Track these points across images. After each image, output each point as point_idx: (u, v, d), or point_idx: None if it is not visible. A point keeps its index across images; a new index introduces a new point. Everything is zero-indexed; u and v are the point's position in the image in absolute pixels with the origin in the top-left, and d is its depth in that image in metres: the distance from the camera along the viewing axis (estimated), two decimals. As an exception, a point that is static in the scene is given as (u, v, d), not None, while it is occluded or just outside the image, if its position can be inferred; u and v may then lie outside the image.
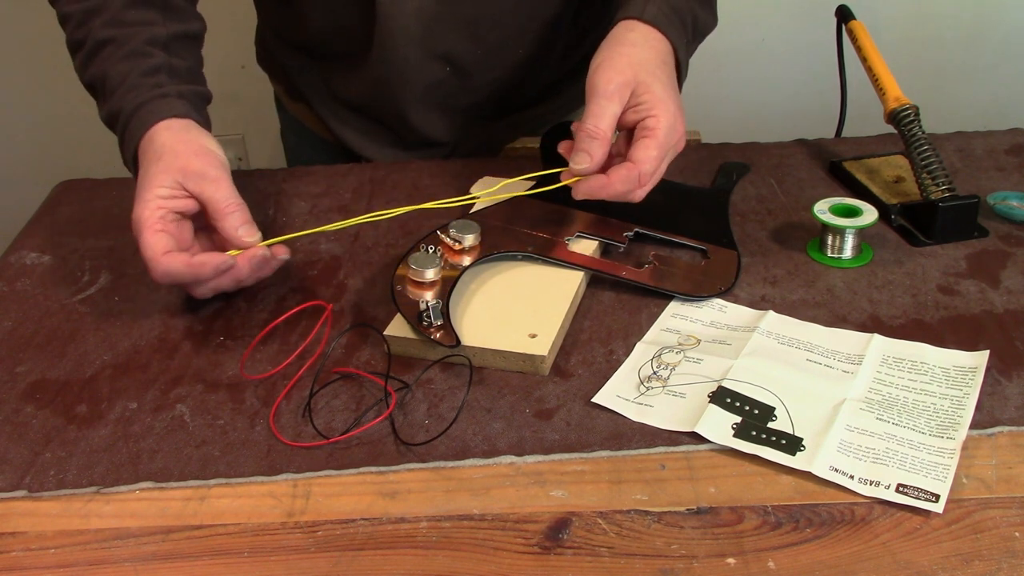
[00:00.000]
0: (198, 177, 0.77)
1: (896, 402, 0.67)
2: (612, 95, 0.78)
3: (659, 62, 0.81)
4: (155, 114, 0.81)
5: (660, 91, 0.79)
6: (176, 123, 0.81)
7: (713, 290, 0.79)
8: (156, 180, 0.77)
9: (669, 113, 0.78)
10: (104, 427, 0.69)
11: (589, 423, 0.67)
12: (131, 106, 0.81)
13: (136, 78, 0.82)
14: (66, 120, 1.97)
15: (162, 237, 0.75)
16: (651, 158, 0.77)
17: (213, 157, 0.79)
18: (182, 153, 0.78)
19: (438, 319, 0.72)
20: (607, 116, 0.78)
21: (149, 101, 0.81)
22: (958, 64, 1.90)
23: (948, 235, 0.85)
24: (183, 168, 0.77)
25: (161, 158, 0.78)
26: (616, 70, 0.79)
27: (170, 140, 0.79)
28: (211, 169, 0.78)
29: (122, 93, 0.82)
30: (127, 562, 0.58)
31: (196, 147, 0.79)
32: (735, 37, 1.86)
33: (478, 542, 0.58)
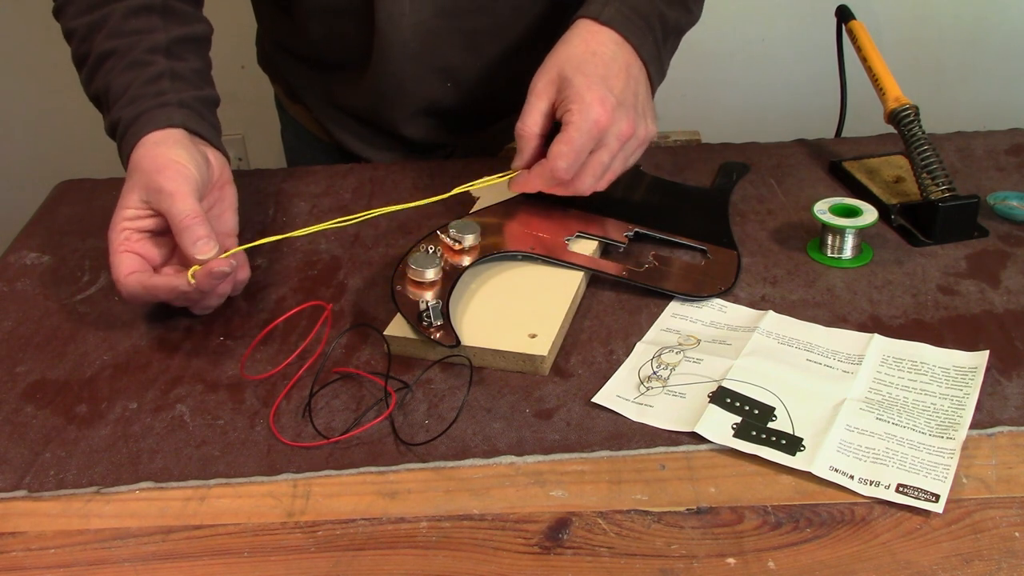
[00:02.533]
0: (157, 193, 0.76)
1: (896, 402, 0.67)
2: (540, 92, 0.81)
3: (587, 54, 0.82)
4: (148, 124, 0.80)
5: (580, 84, 0.79)
6: (155, 137, 0.79)
7: (713, 290, 0.79)
8: (124, 200, 0.77)
9: (586, 108, 0.78)
10: (104, 427, 0.69)
11: (589, 423, 0.67)
12: (129, 117, 0.81)
13: (137, 88, 0.82)
14: (66, 120, 1.97)
15: (125, 258, 0.75)
16: (562, 153, 0.78)
17: (176, 170, 0.76)
18: (146, 169, 0.77)
19: (438, 319, 0.72)
20: (534, 113, 0.81)
21: (145, 112, 0.80)
22: (958, 64, 1.90)
23: (948, 235, 0.85)
24: (146, 185, 0.76)
25: (131, 176, 0.78)
26: (547, 67, 0.82)
27: (139, 156, 0.78)
28: (169, 183, 0.75)
29: (122, 104, 0.82)
30: (127, 562, 0.58)
31: (162, 161, 0.77)
32: (735, 37, 1.86)
33: (478, 542, 0.58)
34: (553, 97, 0.81)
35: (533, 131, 0.81)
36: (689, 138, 1.07)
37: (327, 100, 1.08)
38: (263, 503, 0.62)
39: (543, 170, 0.80)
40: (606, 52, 0.82)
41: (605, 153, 0.80)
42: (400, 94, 1.00)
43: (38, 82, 1.94)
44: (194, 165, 0.78)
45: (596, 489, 0.61)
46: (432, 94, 1.01)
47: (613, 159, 0.81)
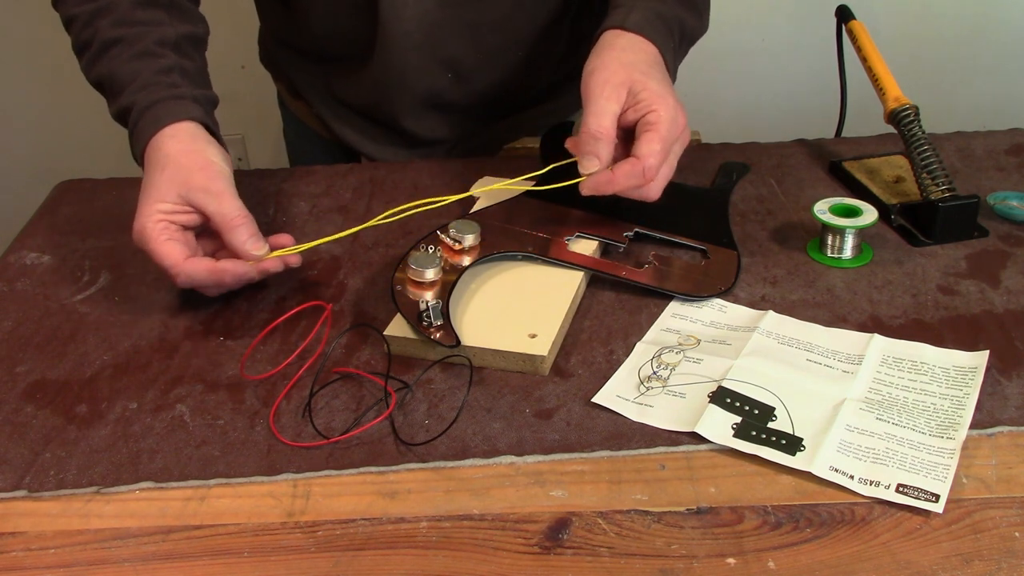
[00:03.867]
0: (202, 192, 0.77)
1: (896, 402, 0.67)
2: (610, 96, 0.78)
3: (651, 62, 0.82)
4: (169, 114, 0.81)
5: (657, 87, 0.79)
6: (184, 130, 0.80)
7: (713, 290, 0.79)
8: (159, 193, 0.77)
9: (669, 107, 0.78)
10: (104, 427, 0.69)
11: (589, 423, 0.67)
12: (144, 103, 0.81)
13: (150, 76, 0.82)
14: (66, 120, 1.97)
15: (175, 246, 0.76)
16: (654, 152, 0.77)
17: (216, 170, 0.79)
18: (185, 166, 0.78)
19: (438, 319, 0.72)
20: (608, 115, 0.78)
21: (164, 100, 0.81)
22: (958, 64, 1.90)
23: (948, 235, 0.85)
24: (186, 182, 0.77)
25: (165, 169, 0.78)
26: (610, 71, 0.80)
27: (175, 150, 0.79)
28: (214, 183, 0.78)
29: (134, 90, 0.82)
30: (127, 562, 0.58)
31: (201, 160, 0.79)
32: (735, 37, 1.86)
33: (478, 542, 0.58)
34: (623, 101, 0.79)
35: (611, 133, 0.78)
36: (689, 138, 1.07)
37: (329, 95, 1.09)
38: (263, 503, 0.62)
39: (633, 169, 0.77)
40: (656, 62, 0.83)
41: (675, 156, 0.81)
42: (402, 86, 1.00)
43: (38, 82, 1.94)
44: (228, 166, 0.81)
45: (596, 489, 0.61)
46: (434, 86, 1.01)
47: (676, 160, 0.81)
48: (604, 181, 0.78)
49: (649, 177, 0.78)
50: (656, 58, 0.83)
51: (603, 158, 0.78)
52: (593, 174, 0.78)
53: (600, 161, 0.78)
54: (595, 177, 0.78)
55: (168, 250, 0.76)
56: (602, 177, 0.78)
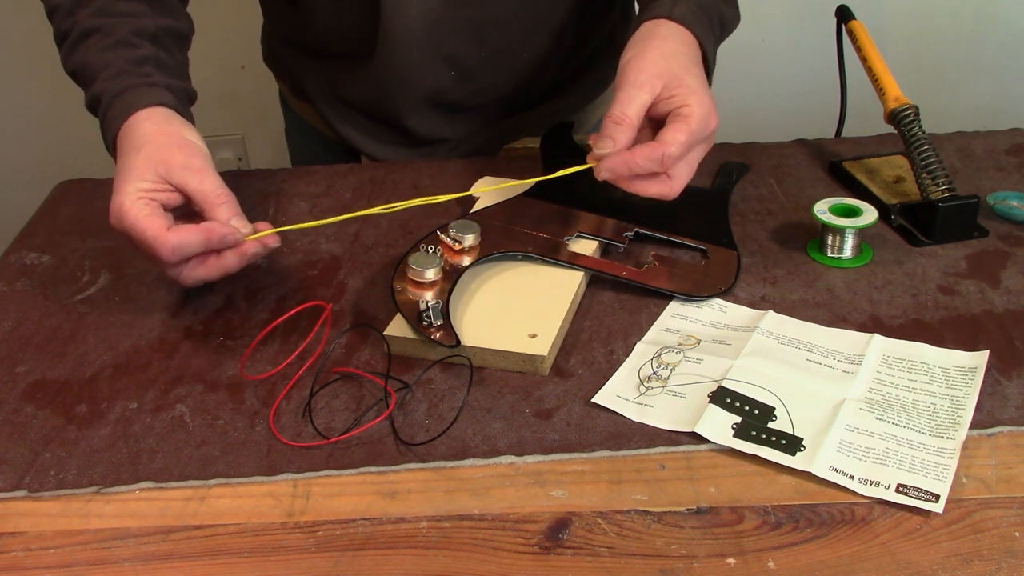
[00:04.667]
0: (182, 169, 0.76)
1: (896, 402, 0.67)
2: (643, 85, 0.76)
3: (692, 58, 0.80)
4: (140, 99, 0.79)
5: (694, 84, 0.77)
6: (159, 113, 0.79)
7: (713, 290, 0.79)
8: (136, 172, 0.76)
9: (704, 105, 0.77)
10: (104, 427, 0.69)
11: (589, 423, 0.67)
12: (115, 90, 0.80)
13: (122, 64, 0.81)
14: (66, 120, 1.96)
15: (155, 219, 0.74)
16: (678, 141, 0.75)
17: (195, 149, 0.78)
18: (163, 145, 0.77)
19: (438, 319, 0.72)
20: (635, 104, 0.76)
21: (135, 87, 0.80)
22: (958, 64, 1.90)
23: (948, 235, 0.85)
24: (165, 161, 0.76)
25: (141, 149, 0.77)
26: (649, 60, 0.78)
27: (151, 130, 0.78)
28: (194, 160, 0.76)
29: (106, 77, 0.81)
30: (127, 562, 0.58)
31: (178, 139, 0.78)
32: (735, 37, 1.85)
33: (478, 542, 0.58)
34: (657, 92, 0.77)
35: (634, 122, 0.76)
36: (689, 138, 1.07)
37: (332, 93, 1.09)
38: (263, 503, 0.62)
39: (652, 152, 0.75)
40: (697, 57, 0.82)
41: (697, 155, 0.79)
42: (405, 84, 1.00)
43: (38, 82, 1.93)
44: (205, 147, 0.79)
45: (596, 489, 0.61)
46: (436, 84, 1.01)
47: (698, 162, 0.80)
48: (620, 161, 0.76)
49: (667, 165, 0.76)
50: (697, 53, 0.82)
51: (619, 143, 0.76)
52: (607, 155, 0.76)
53: (615, 145, 0.76)
54: (613, 158, 0.76)
55: (149, 223, 0.74)
56: (619, 157, 0.76)
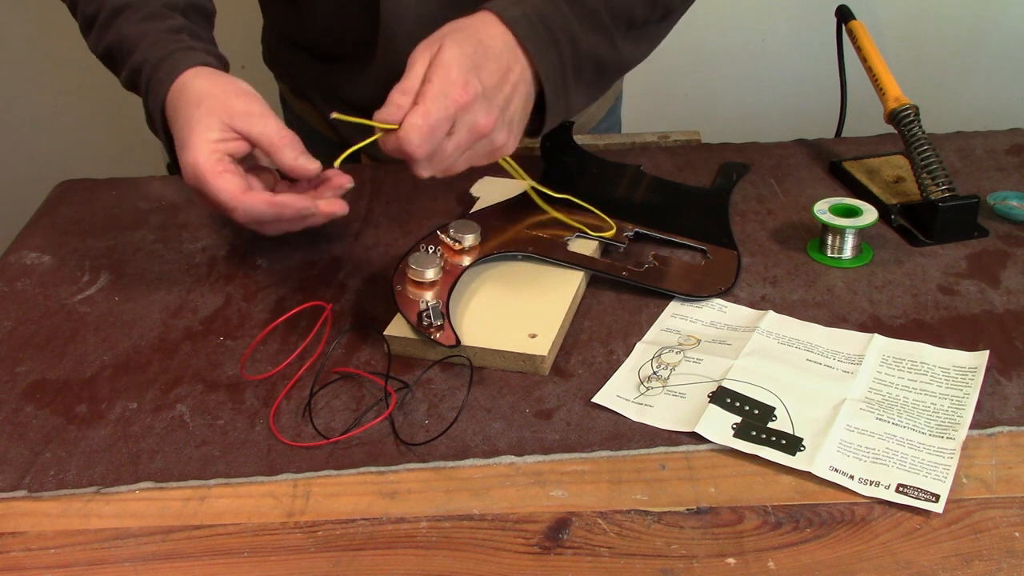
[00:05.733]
0: (245, 116, 0.76)
1: (896, 402, 0.67)
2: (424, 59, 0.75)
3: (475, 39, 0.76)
4: (183, 61, 0.80)
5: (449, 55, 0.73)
6: (206, 70, 0.80)
7: (713, 290, 0.79)
8: (203, 124, 0.76)
9: (449, 80, 0.72)
10: (104, 427, 0.69)
11: (589, 423, 0.67)
12: (157, 56, 0.80)
13: (159, 34, 0.82)
14: (66, 120, 1.97)
15: (231, 178, 0.75)
16: (415, 126, 0.71)
17: (252, 96, 0.78)
18: (221, 96, 0.77)
19: (438, 319, 0.72)
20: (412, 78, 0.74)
21: (177, 51, 0.81)
22: (958, 64, 1.90)
23: (948, 235, 0.85)
24: (228, 110, 0.76)
25: (202, 102, 0.77)
26: (429, 39, 0.76)
27: (207, 84, 0.78)
28: (254, 106, 0.77)
29: (145, 47, 0.81)
30: (127, 562, 0.58)
31: (234, 88, 0.78)
32: (735, 37, 1.86)
33: (478, 542, 0.58)
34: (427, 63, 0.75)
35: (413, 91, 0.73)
36: (689, 138, 1.07)
37: (332, 94, 1.08)
38: (263, 503, 0.62)
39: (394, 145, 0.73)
40: (493, 46, 0.77)
41: (451, 144, 0.74)
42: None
43: (38, 82, 1.94)
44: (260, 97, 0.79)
45: (596, 489, 0.61)
46: None
47: (459, 154, 0.75)
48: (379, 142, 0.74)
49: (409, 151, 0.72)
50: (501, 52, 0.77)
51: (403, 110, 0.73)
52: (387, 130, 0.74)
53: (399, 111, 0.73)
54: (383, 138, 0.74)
55: (224, 184, 0.74)
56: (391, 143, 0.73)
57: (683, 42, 0.93)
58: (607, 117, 1.17)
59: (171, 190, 1.01)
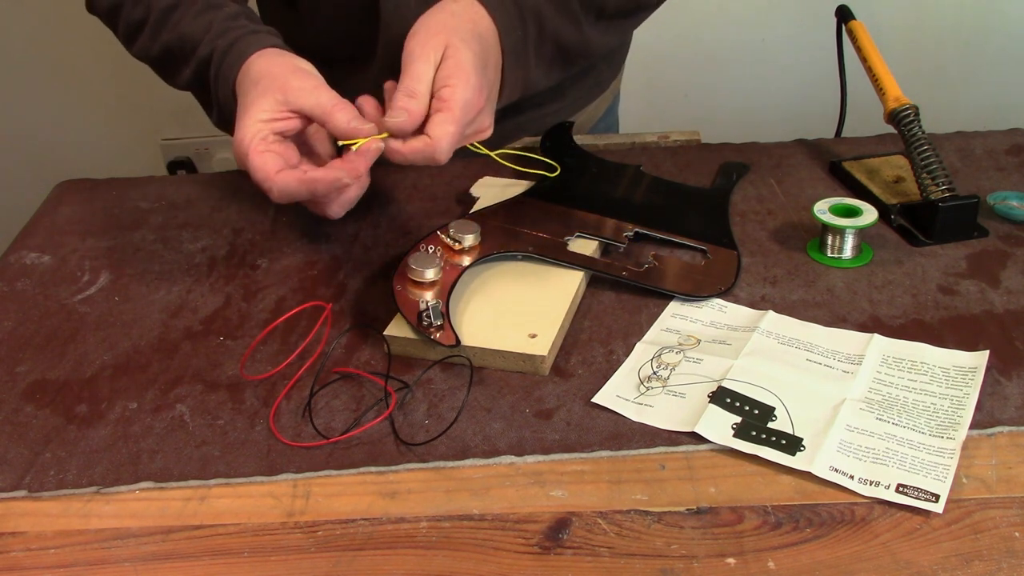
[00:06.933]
0: (298, 91, 0.76)
1: (896, 402, 0.67)
2: (427, 57, 0.77)
3: (474, 34, 0.80)
4: (251, 46, 0.80)
5: (468, 62, 0.77)
6: (269, 52, 0.80)
7: (713, 290, 0.79)
8: (255, 104, 0.76)
9: (469, 86, 0.76)
10: (104, 427, 0.69)
11: (589, 423, 0.67)
12: (224, 45, 0.81)
13: (221, 23, 0.83)
14: (66, 120, 1.97)
15: (269, 157, 0.75)
16: (448, 134, 0.75)
17: (308, 72, 0.78)
18: (278, 75, 0.77)
19: (438, 319, 0.72)
20: (424, 78, 0.76)
21: (242, 37, 0.81)
22: (958, 64, 1.90)
23: (948, 235, 0.85)
24: (282, 87, 0.77)
25: (258, 83, 0.78)
26: (429, 32, 0.78)
27: (265, 65, 0.79)
28: (308, 81, 0.77)
29: (210, 39, 0.82)
30: (127, 562, 0.58)
31: (290, 67, 0.78)
32: (735, 37, 1.86)
33: (478, 542, 0.58)
34: (436, 63, 0.77)
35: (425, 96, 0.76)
36: (689, 138, 1.07)
37: None
38: (263, 503, 0.62)
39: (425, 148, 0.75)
40: (487, 38, 0.80)
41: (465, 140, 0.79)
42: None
43: (38, 82, 1.94)
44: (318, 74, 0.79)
45: (596, 489, 0.61)
46: None
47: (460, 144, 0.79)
48: (394, 150, 0.76)
49: (440, 160, 0.76)
50: (487, 36, 0.80)
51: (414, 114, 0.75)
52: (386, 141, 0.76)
53: (410, 116, 0.75)
54: (390, 143, 0.76)
55: (262, 162, 0.74)
56: (393, 145, 0.76)
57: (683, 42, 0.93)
58: (605, 117, 1.17)
59: (171, 190, 1.01)
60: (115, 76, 1.83)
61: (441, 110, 0.75)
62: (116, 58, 0.99)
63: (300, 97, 0.76)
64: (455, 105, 0.75)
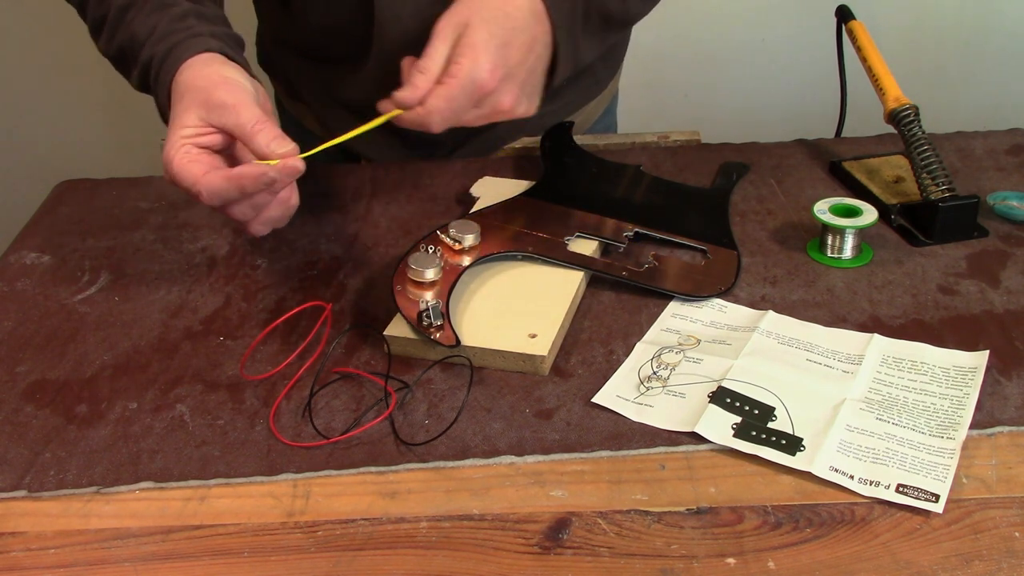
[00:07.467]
0: (219, 107, 0.75)
1: (896, 402, 0.67)
2: (444, 36, 0.79)
3: (503, 13, 0.80)
4: (185, 52, 0.79)
5: (479, 40, 0.78)
6: (198, 60, 0.79)
7: (713, 290, 0.79)
8: (179, 120, 0.76)
9: (477, 64, 0.78)
10: (104, 427, 0.69)
11: (589, 423, 0.67)
12: (162, 51, 0.80)
13: (165, 25, 0.81)
14: (66, 120, 1.97)
15: (194, 165, 0.74)
16: (438, 108, 0.78)
17: (233, 84, 0.76)
18: (202, 87, 0.76)
19: (438, 319, 0.72)
20: (435, 56, 0.79)
21: (179, 43, 0.80)
22: (958, 64, 1.90)
23: (948, 235, 0.85)
24: (204, 102, 0.75)
25: (183, 97, 0.77)
26: (456, 11, 0.80)
27: (190, 77, 0.78)
28: (229, 96, 0.75)
29: (152, 43, 0.81)
30: (127, 562, 0.58)
31: (216, 79, 0.77)
32: (735, 37, 1.86)
33: (478, 542, 0.58)
34: (454, 42, 0.79)
35: (435, 72, 0.79)
36: (689, 138, 1.07)
37: (327, 95, 1.08)
38: (263, 503, 0.62)
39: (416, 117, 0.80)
40: (518, 18, 0.81)
41: (473, 115, 0.81)
42: (400, 84, 1.00)
43: (38, 82, 1.94)
44: (248, 82, 0.78)
45: (596, 489, 0.61)
46: None
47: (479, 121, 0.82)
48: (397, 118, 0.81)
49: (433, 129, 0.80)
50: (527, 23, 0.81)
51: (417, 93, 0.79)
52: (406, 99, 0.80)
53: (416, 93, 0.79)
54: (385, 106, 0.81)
55: (189, 171, 0.73)
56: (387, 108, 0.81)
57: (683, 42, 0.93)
58: (604, 117, 1.17)
59: (171, 190, 1.00)
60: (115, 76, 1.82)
61: (442, 83, 0.78)
62: (116, 58, 0.99)
63: (220, 115, 0.75)
64: (455, 81, 0.78)
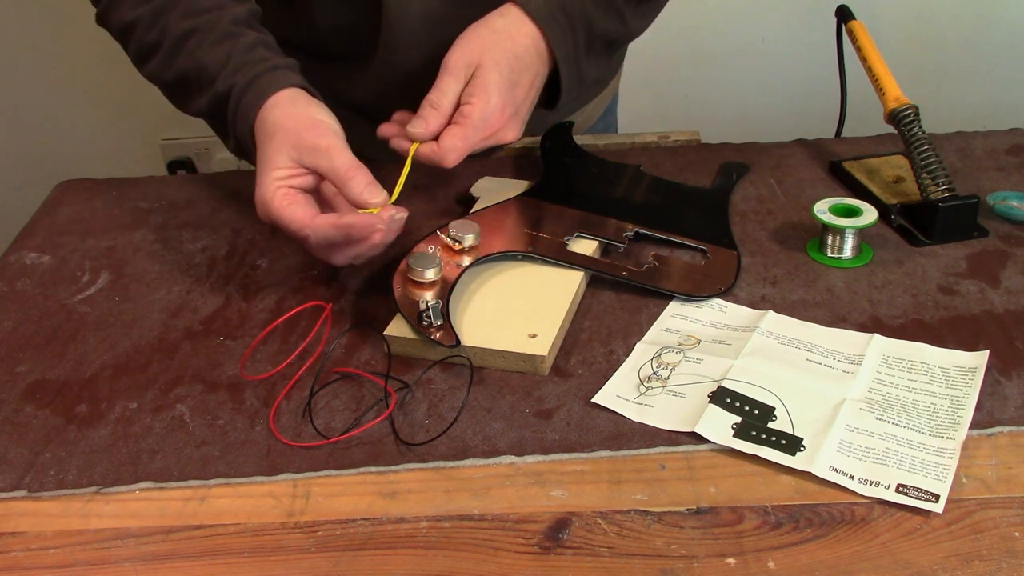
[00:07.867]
0: (311, 151, 0.77)
1: (896, 402, 0.67)
2: (457, 73, 0.83)
3: (511, 54, 0.84)
4: (272, 85, 0.81)
5: (492, 81, 0.82)
6: (284, 97, 0.81)
7: (713, 290, 0.79)
8: (272, 161, 0.78)
9: (488, 105, 0.83)
10: (104, 427, 0.69)
11: (589, 423, 0.67)
12: (243, 82, 0.81)
13: (239, 56, 0.83)
14: (66, 120, 1.97)
15: (299, 208, 0.76)
16: (455, 147, 0.83)
17: (324, 127, 0.79)
18: (292, 129, 0.78)
19: (438, 319, 0.72)
20: (449, 93, 0.84)
21: (260, 75, 0.82)
22: (958, 64, 1.90)
23: (948, 235, 0.85)
24: (297, 145, 0.77)
25: (273, 137, 0.78)
26: (468, 49, 0.84)
27: (279, 116, 0.79)
28: (322, 140, 0.78)
29: (228, 74, 0.82)
30: (127, 562, 0.58)
31: (306, 120, 0.79)
32: (735, 37, 1.86)
33: (478, 542, 0.58)
34: (466, 79, 0.84)
35: (448, 109, 0.84)
36: (689, 138, 1.07)
37: (331, 96, 1.08)
38: (263, 503, 0.62)
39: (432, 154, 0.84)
40: (525, 58, 0.86)
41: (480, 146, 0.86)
42: (406, 83, 1.00)
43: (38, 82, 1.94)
44: (335, 123, 0.81)
45: (596, 489, 0.61)
46: None
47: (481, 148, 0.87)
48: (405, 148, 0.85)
49: (446, 166, 0.84)
50: (531, 62, 0.86)
51: (431, 127, 0.84)
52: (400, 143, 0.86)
53: (427, 126, 0.84)
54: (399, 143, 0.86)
55: (293, 214, 0.76)
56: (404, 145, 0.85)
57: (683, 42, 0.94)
58: (604, 117, 1.17)
59: (171, 190, 1.01)
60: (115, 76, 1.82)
61: (457, 123, 0.83)
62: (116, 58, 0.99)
63: (315, 159, 0.77)
64: (469, 122, 0.83)
